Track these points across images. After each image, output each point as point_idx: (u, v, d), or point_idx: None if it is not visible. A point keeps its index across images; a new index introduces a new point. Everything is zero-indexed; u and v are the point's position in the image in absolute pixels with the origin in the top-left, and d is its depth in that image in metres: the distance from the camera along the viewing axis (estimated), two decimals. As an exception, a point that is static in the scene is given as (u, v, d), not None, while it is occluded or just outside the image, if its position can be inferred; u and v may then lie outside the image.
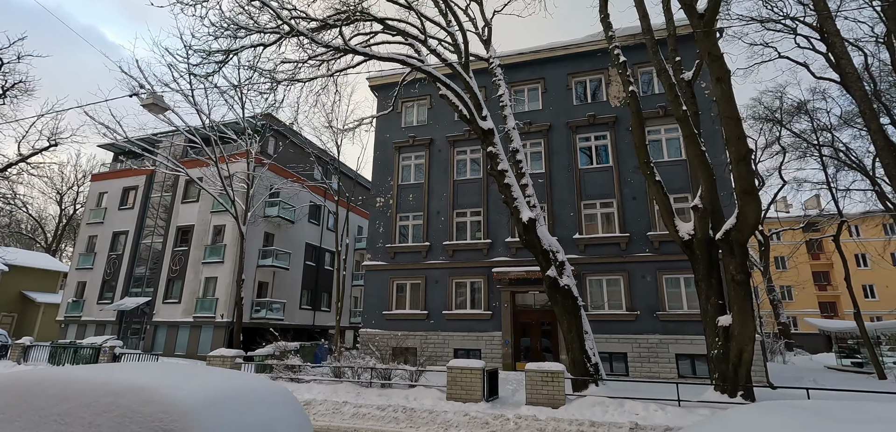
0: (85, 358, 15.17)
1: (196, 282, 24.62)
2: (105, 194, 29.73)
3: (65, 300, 28.16)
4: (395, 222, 21.42)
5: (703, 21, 9.61)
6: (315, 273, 30.75)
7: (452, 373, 10.69)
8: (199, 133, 20.54)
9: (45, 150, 25.77)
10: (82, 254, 28.59)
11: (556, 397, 9.87)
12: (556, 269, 11.52)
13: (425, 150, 22.08)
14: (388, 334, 19.86)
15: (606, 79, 20.39)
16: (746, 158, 9.43)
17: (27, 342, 16.46)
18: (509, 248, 19.33)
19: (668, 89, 11.63)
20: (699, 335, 16.41)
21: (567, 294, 11.36)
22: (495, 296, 18.95)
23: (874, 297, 40.26)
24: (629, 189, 18.62)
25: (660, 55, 12.06)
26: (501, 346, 18.13)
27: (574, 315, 11.31)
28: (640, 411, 9.31)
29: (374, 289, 20.80)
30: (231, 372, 3.79)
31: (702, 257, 10.79)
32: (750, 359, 9.85)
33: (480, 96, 13.50)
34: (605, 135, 19.67)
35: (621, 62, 12.83)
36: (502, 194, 12.43)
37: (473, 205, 20.53)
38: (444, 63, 13.63)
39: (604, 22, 13.73)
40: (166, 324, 24.63)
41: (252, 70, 11.47)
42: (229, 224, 24.97)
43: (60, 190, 45.76)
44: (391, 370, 11.71)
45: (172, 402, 2.85)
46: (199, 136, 20.26)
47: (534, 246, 11.76)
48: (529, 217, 11.74)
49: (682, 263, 17.34)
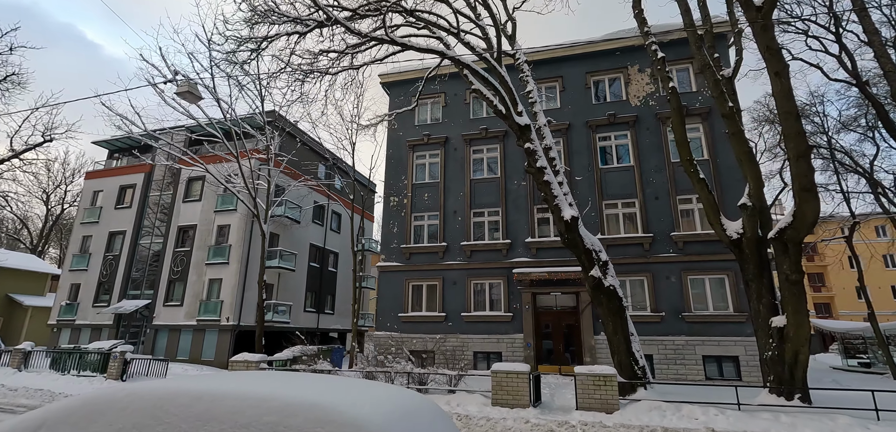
0: (93, 365, 14.30)
1: (199, 284, 23.73)
2: (100, 193, 28.57)
3: (57, 303, 26.93)
4: (409, 222, 20.91)
5: (760, 14, 9.36)
6: (319, 274, 30.01)
7: (498, 378, 10.25)
8: (220, 127, 19.66)
9: (38, 146, 24.64)
10: (76, 254, 27.40)
11: (610, 402, 9.51)
12: (599, 269, 11.17)
13: (440, 149, 21.62)
14: (404, 337, 19.32)
15: (625, 78, 20.21)
16: (806, 155, 9.20)
17: (28, 347, 15.48)
18: (529, 249, 18.98)
19: (714, 85, 11.38)
20: (726, 336, 16.29)
21: (612, 295, 11.02)
22: (516, 297, 18.57)
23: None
24: (651, 189, 18.41)
25: (703, 50, 11.82)
26: (523, 349, 17.74)
27: (619, 316, 10.96)
28: (699, 415, 8.98)
29: (389, 291, 20.25)
30: (388, 386, 3.29)
31: (752, 257, 10.54)
32: (806, 361, 9.61)
33: (515, 91, 13.06)
34: (625, 135, 19.46)
35: (660, 58, 12.54)
36: (542, 192, 12.05)
37: (491, 205, 20.14)
38: (478, 57, 13.18)
39: (638, 18, 13.44)
40: (168, 328, 23.67)
41: (284, 61, 10.86)
42: (234, 223, 24.16)
43: (46, 188, 44.09)
44: (428, 374, 11.21)
45: (356, 422, 2.36)
46: (221, 131, 19.40)
47: (576, 245, 11.39)
48: (571, 215, 11.38)
49: (707, 264, 17.25)
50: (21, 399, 11.20)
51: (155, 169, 27.76)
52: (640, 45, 20.06)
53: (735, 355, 16.01)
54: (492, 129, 20.95)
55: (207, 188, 25.33)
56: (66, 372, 14.36)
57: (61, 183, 43.70)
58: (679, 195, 17.99)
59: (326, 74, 12.39)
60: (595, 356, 17.04)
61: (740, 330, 16.10)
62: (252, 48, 10.04)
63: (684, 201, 18.00)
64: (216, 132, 18.62)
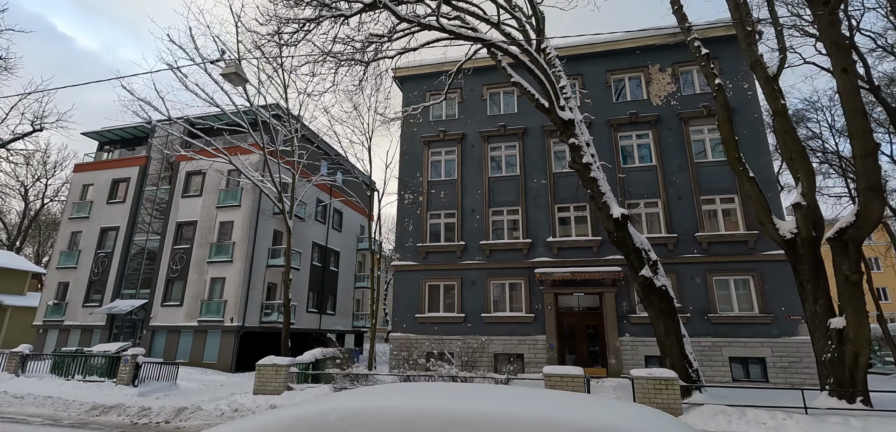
0: (99, 369, 13.29)
1: (200, 284, 22.66)
2: (90, 186, 27.11)
3: (43, 302, 25.41)
4: (425, 220, 20.33)
5: (827, 8, 9.15)
6: (321, 274, 29.14)
7: (551, 382, 9.80)
8: (235, 118, 18.68)
9: (28, 136, 23.24)
10: (64, 252, 25.91)
11: (673, 406, 9.15)
12: (649, 269, 10.83)
13: (456, 146, 21.11)
14: (421, 338, 18.73)
15: (646, 77, 20.06)
16: (873, 153, 9.03)
17: (25, 350, 14.30)
18: (550, 248, 18.62)
19: (765, 82, 11.17)
20: (752, 338, 16.20)
21: (664, 295, 10.69)
22: (537, 298, 18.18)
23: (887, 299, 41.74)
24: (675, 189, 18.27)
25: (755, 47, 11.60)
26: (546, 350, 17.36)
27: (671, 317, 10.65)
28: (767, 420, 8.69)
29: (405, 291, 19.63)
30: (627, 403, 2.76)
31: (807, 257, 10.33)
32: (866, 363, 9.44)
33: (556, 84, 12.64)
34: (646, 134, 19.29)
35: (704, 54, 12.31)
36: (588, 189, 11.65)
37: (510, 204, 19.71)
38: (519, 48, 12.71)
39: (677, 13, 13.19)
40: (166, 329, 22.53)
41: (320, 48, 10.19)
42: (238, 220, 23.16)
43: (25, 182, 41.83)
44: (473, 377, 10.69)
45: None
46: (243, 122, 18.43)
47: (625, 244, 11.03)
48: (621, 213, 11.02)
49: (732, 265, 17.16)
50: (30, 407, 10.25)
51: (150, 162, 26.49)
52: (660, 45, 19.94)
53: (761, 356, 15.93)
54: (510, 127, 20.55)
55: (208, 183, 24.28)
56: (70, 376, 13.31)
57: (41, 176, 41.56)
58: (702, 195, 17.88)
59: (358, 64, 11.79)
60: (620, 358, 16.78)
61: (766, 332, 16.04)
62: (294, 29, 9.36)
63: (708, 202, 17.90)
64: (242, 122, 17.68)
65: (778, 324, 16.07)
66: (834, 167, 25.35)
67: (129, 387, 12.46)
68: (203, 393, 13.77)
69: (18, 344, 29.59)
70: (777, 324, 16.08)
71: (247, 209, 23.10)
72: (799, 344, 15.72)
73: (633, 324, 17.15)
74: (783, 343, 15.85)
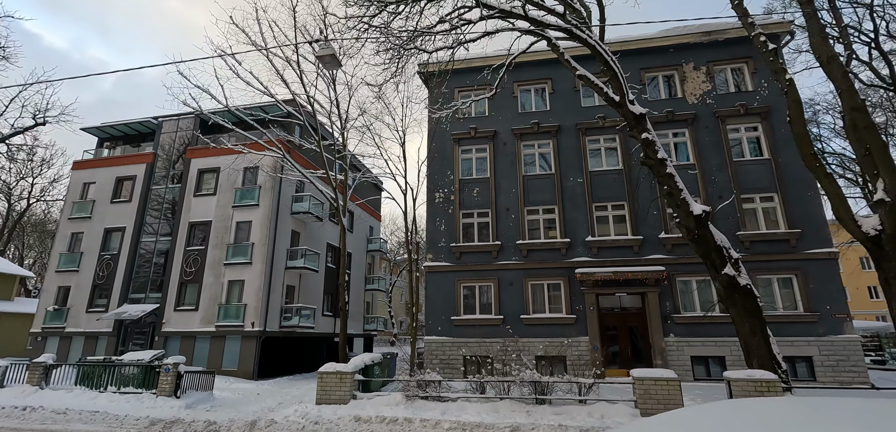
0: (134, 380, 12.31)
1: (217, 286, 21.58)
2: (91, 185, 25.64)
3: (42, 308, 23.86)
4: (458, 219, 19.77)
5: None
6: (335, 276, 28.24)
7: (645, 385, 9.40)
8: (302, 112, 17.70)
9: (29, 129, 21.76)
10: (64, 253, 24.41)
11: (776, 409, 8.80)
12: (732, 267, 10.53)
13: (488, 143, 20.63)
14: (457, 341, 18.19)
15: (680, 75, 19.95)
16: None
17: (48, 360, 13.16)
18: (589, 248, 18.29)
19: (843, 78, 10.98)
20: (799, 337, 16.13)
21: (749, 294, 10.41)
22: (577, 298, 17.82)
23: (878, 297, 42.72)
24: (714, 187, 18.15)
25: (829, 42, 11.42)
26: (590, 352, 16.99)
27: (757, 317, 10.37)
28: (876, 422, 8.41)
29: (438, 293, 19.03)
30: None
31: (893, 254, 10.17)
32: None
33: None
34: (683, 133, 19.16)
35: (771, 49, 12.10)
36: (665, 185, 11.29)
37: (546, 203, 19.33)
38: (581, 42, 12.31)
39: (738, 8, 12.97)
40: (180, 335, 21.37)
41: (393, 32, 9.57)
42: (256, 219, 22.16)
43: (9, 181, 39.56)
44: (553, 383, 10.20)
45: None
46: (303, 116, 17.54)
47: (706, 242, 10.71)
48: (703, 209, 10.70)
49: (774, 264, 17.09)
50: (78, 424, 9.31)
51: (157, 159, 25.21)
52: (694, 43, 19.91)
53: (809, 355, 15.89)
54: (544, 124, 20.18)
55: (223, 181, 23.20)
56: (101, 388, 12.28)
57: (28, 174, 39.35)
58: (743, 194, 17.81)
59: (422, 52, 11.23)
60: (665, 358, 16.54)
61: (812, 331, 16.01)
62: (374, 13, 8.72)
63: (747, 200, 17.85)
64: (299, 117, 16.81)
65: (824, 323, 16.06)
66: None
67: (172, 399, 11.56)
68: (245, 403, 12.94)
69: (9, 353, 27.85)
70: (823, 322, 16.07)
71: (265, 209, 22.13)
72: (846, 342, 15.74)
73: (677, 325, 16.94)
74: (830, 341, 15.84)
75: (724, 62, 19.61)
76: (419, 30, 9.71)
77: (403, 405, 9.89)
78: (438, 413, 9.34)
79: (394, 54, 11.20)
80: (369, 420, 8.53)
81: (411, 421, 8.39)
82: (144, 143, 26.53)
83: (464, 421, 8.30)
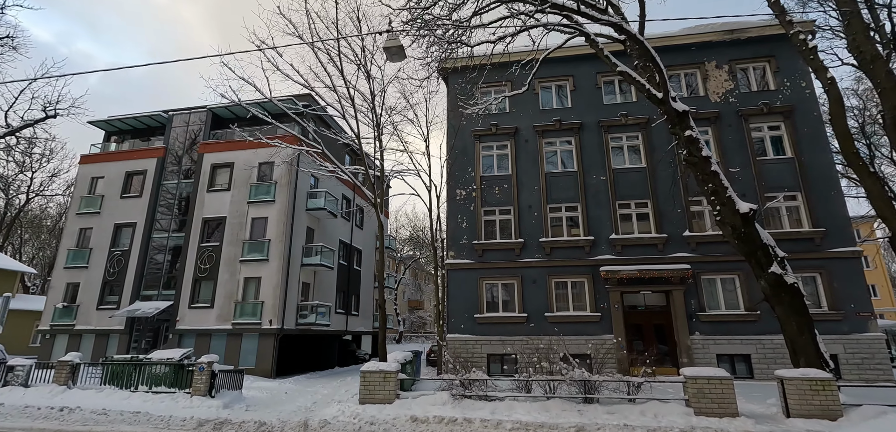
0: (167, 379, 12.04)
1: (233, 284, 21.26)
2: (100, 179, 25.12)
3: (50, 305, 23.37)
4: (479, 216, 19.64)
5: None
6: (347, 273, 28.01)
7: (698, 384, 9.34)
8: (343, 106, 17.33)
9: (40, 122, 21.22)
10: (73, 249, 23.90)
11: (832, 407, 8.84)
12: (778, 265, 10.50)
13: (509, 140, 20.50)
14: (481, 340, 18.09)
15: (703, 73, 19.95)
16: None
17: (75, 359, 12.80)
18: (613, 246, 18.25)
19: (887, 77, 11.01)
20: (827, 335, 16.17)
21: (795, 292, 10.37)
22: (602, 296, 17.79)
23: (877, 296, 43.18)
24: (738, 186, 18.05)
25: (873, 42, 11.43)
26: (616, 350, 16.97)
27: (804, 315, 10.33)
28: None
29: (461, 291, 18.90)
30: None
31: (939, 253, 10.21)
32: None
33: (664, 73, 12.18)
34: (706, 131, 19.14)
35: (811, 47, 12.08)
36: (709, 183, 11.21)
37: (568, 200, 19.26)
38: (619, 40, 12.21)
39: (774, 6, 12.94)
40: (195, 332, 21.03)
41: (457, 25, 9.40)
42: (272, 216, 21.85)
43: (7, 176, 38.66)
44: (599, 381, 10.12)
45: None
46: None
47: (752, 241, 10.67)
48: (750, 207, 10.66)
49: (798, 262, 17.02)
50: (121, 425, 9.05)
51: (168, 153, 24.75)
52: (716, 41, 19.91)
53: (834, 353, 15.96)
54: (565, 122, 20.09)
55: (237, 177, 22.84)
56: (133, 387, 12.01)
57: (27, 169, 38.48)
58: (766, 193, 17.87)
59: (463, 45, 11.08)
60: (692, 356, 16.55)
61: (837, 329, 16.12)
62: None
63: (770, 198, 17.89)
64: (336, 109, 16.53)
65: (848, 321, 16.18)
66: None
67: (208, 398, 11.32)
68: (277, 403, 12.73)
69: (11, 350, 27.26)
70: (847, 320, 16.19)
71: (282, 205, 21.83)
72: (871, 340, 15.88)
73: (703, 323, 16.97)
74: (855, 339, 15.96)
75: (746, 61, 19.64)
76: (464, 23, 9.52)
77: (450, 404, 9.75)
78: (488, 412, 9.22)
79: (437, 48, 11.04)
80: (427, 420, 8.37)
81: (471, 421, 8.26)
82: (154, 137, 26.05)
83: (526, 421, 8.19)
